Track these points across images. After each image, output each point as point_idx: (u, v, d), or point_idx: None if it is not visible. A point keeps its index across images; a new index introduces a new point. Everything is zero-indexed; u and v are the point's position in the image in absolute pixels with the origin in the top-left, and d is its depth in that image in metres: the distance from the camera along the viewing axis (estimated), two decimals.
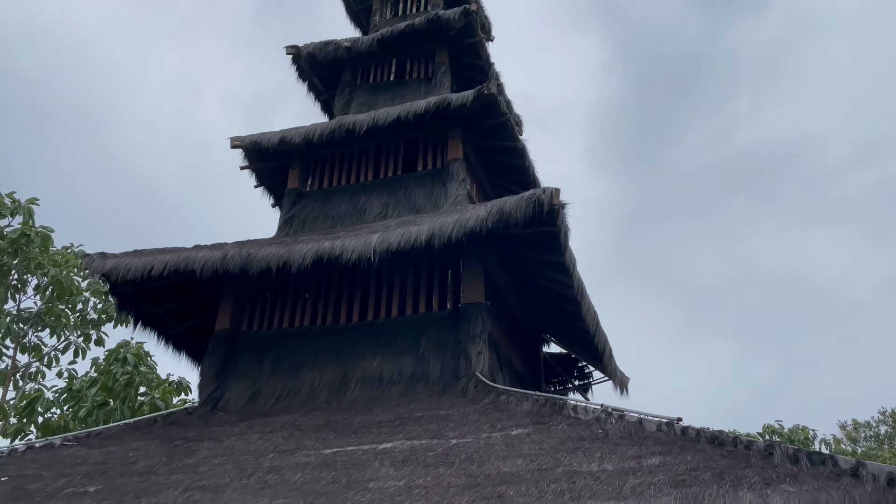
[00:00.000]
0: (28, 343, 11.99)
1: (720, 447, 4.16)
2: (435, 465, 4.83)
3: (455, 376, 7.29)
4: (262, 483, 5.05)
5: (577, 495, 3.83)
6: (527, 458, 4.64)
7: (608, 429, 4.94)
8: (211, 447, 6.25)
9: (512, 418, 5.78)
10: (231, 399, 7.96)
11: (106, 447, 6.67)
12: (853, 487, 3.23)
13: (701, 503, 3.38)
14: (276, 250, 7.70)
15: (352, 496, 4.48)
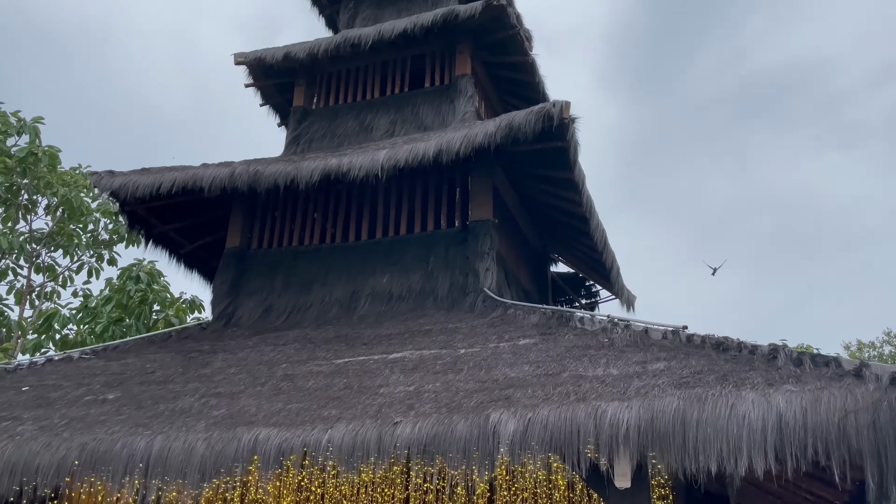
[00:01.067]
0: (42, 263, 12.16)
1: (724, 352, 4.23)
2: (444, 372, 4.94)
3: (463, 292, 7.37)
4: (276, 389, 5.20)
5: (583, 397, 3.92)
6: (533, 364, 4.75)
7: (614, 338, 5.02)
8: (225, 358, 6.40)
9: (519, 330, 5.87)
10: (243, 315, 8.10)
11: (123, 359, 6.85)
12: (856, 387, 3.29)
13: (704, 403, 3.46)
14: (284, 167, 7.67)
15: (363, 400, 4.61)
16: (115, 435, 4.55)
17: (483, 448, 3.77)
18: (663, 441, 3.43)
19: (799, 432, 3.18)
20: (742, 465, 3.23)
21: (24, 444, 4.67)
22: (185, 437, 4.34)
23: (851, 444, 3.11)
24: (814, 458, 3.17)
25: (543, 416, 3.74)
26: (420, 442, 3.90)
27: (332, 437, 4.07)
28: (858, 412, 3.13)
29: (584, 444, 3.59)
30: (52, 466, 4.48)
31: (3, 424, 5.09)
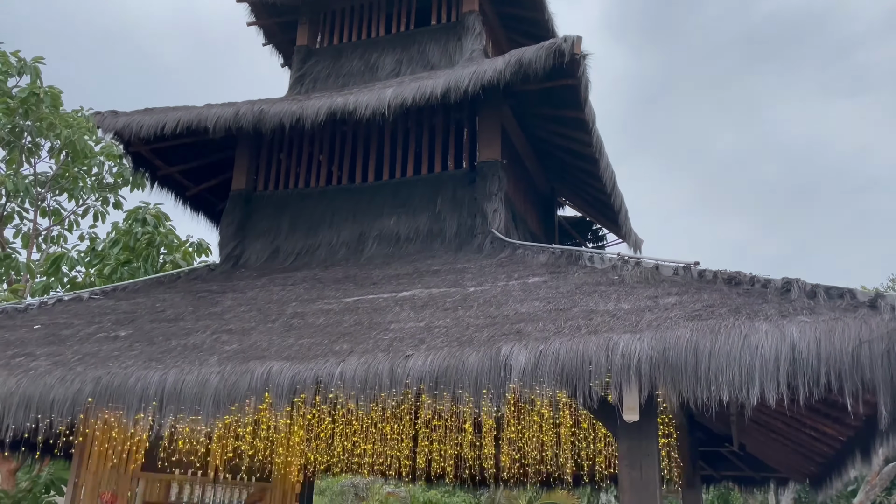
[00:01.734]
0: (48, 207, 12.13)
1: (737, 286, 4.22)
2: (454, 309, 4.95)
3: (471, 234, 7.35)
4: (287, 326, 5.22)
5: (594, 330, 3.93)
6: (544, 300, 4.75)
7: (624, 275, 5.01)
8: (235, 298, 6.43)
9: (528, 269, 5.86)
10: (251, 257, 8.10)
11: (133, 299, 6.89)
12: (870, 317, 3.28)
13: (717, 334, 3.45)
14: (289, 106, 7.55)
15: (374, 335, 4.63)
16: (129, 369, 4.59)
17: (495, 380, 3.79)
18: (675, 372, 3.43)
19: (812, 362, 3.19)
20: (754, 395, 3.25)
21: (38, 379, 4.72)
22: (198, 371, 4.38)
23: (865, 374, 3.12)
24: (826, 387, 3.18)
25: (555, 349, 3.75)
26: (432, 375, 3.92)
27: (344, 370, 4.10)
28: (873, 342, 3.12)
29: (595, 375, 3.60)
30: (67, 400, 4.53)
31: (16, 360, 5.15)
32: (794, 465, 9.27)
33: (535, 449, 8.90)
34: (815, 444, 7.00)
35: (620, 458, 4.63)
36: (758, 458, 10.26)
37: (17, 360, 5.14)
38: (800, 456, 8.24)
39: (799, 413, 6.17)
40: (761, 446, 9.18)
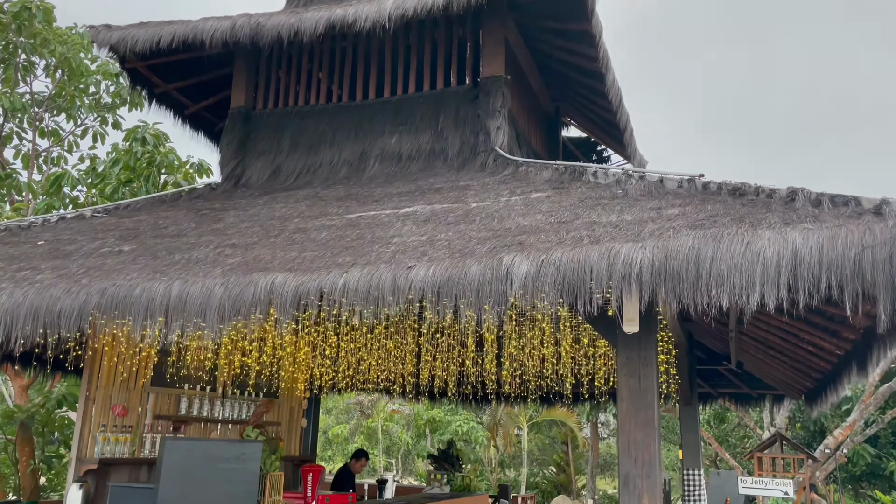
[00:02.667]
0: (46, 128, 11.99)
1: (741, 197, 4.19)
2: (456, 223, 4.94)
3: (474, 152, 7.27)
4: (290, 241, 5.23)
5: (596, 240, 3.93)
6: (546, 213, 4.73)
7: (628, 188, 4.97)
8: (237, 215, 6.42)
9: (532, 185, 5.82)
10: (252, 176, 8.05)
11: (135, 217, 6.89)
12: (874, 223, 3.26)
13: (720, 241, 3.45)
14: (287, 19, 7.34)
15: (376, 249, 4.64)
16: (134, 281, 4.63)
17: (496, 290, 3.81)
18: (676, 279, 3.45)
19: (814, 267, 3.19)
20: (754, 301, 3.26)
21: (44, 291, 4.77)
22: (202, 283, 4.41)
23: (866, 279, 3.12)
24: (827, 292, 3.19)
25: (556, 259, 3.75)
26: (434, 285, 3.94)
27: (347, 281, 4.13)
28: (876, 247, 3.11)
29: (596, 284, 3.61)
30: (74, 311, 4.59)
31: (22, 273, 5.19)
32: (790, 382, 9.46)
33: (535, 365, 9.08)
34: (812, 359, 7.12)
35: (619, 368, 4.71)
36: (754, 375, 10.46)
37: (22, 274, 5.18)
38: (796, 373, 8.40)
39: (797, 328, 6.24)
40: (758, 363, 9.34)
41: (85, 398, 7.23)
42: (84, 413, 7.20)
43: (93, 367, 7.28)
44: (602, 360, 9.38)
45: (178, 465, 5.45)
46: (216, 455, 5.59)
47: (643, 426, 4.53)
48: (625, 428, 4.59)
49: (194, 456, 5.51)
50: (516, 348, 8.14)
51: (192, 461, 5.50)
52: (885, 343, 4.86)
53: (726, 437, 21.75)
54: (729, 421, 22.84)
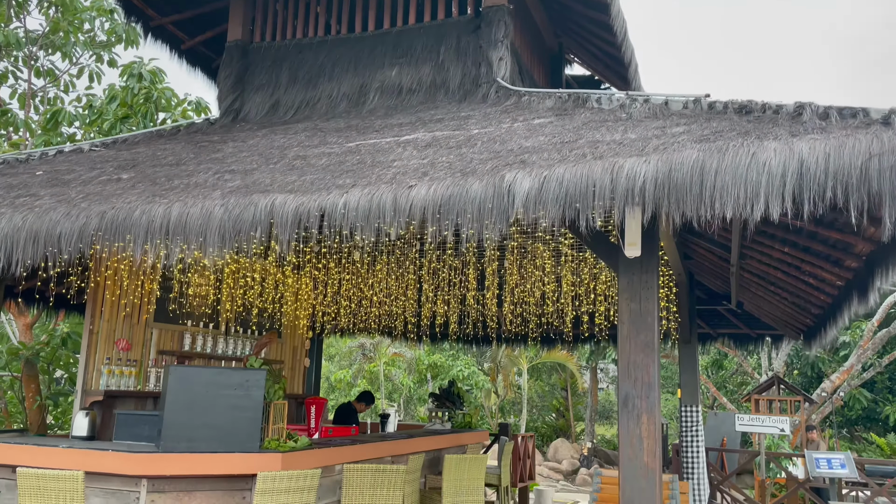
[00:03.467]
0: (41, 67, 11.81)
1: (748, 114, 4.12)
2: (457, 147, 4.89)
3: (476, 83, 7.15)
4: (290, 166, 5.19)
5: (599, 156, 3.87)
6: (549, 136, 4.67)
7: (632, 112, 4.90)
8: (236, 145, 6.36)
9: (534, 112, 5.74)
10: (251, 110, 7.95)
11: (133, 149, 6.83)
12: (882, 132, 3.21)
13: (724, 153, 3.40)
14: None
15: (377, 171, 4.60)
16: (133, 203, 4.60)
17: (498, 207, 3.78)
18: (680, 191, 3.41)
19: (819, 176, 3.15)
20: (758, 211, 3.23)
21: (44, 215, 4.75)
22: (202, 204, 4.38)
23: (872, 186, 3.08)
24: (832, 201, 3.16)
25: (559, 174, 3.71)
26: (435, 203, 3.91)
27: (347, 200, 4.09)
28: (883, 154, 3.07)
29: (599, 198, 3.58)
30: (74, 234, 4.58)
31: (21, 200, 5.16)
32: (790, 321, 9.51)
33: (536, 300, 9.12)
34: (812, 294, 7.13)
35: (620, 292, 4.72)
36: (754, 315, 10.53)
37: (21, 200, 5.15)
38: (796, 310, 8.43)
39: (799, 259, 6.24)
40: (758, 302, 9.38)
41: (89, 332, 7.28)
42: (88, 346, 7.26)
43: (95, 300, 7.31)
44: (602, 298, 9.42)
45: (183, 391, 5.52)
46: (220, 382, 5.64)
47: (643, 348, 4.56)
48: (625, 350, 4.62)
49: (199, 382, 5.56)
50: (517, 282, 8.15)
51: (197, 387, 5.56)
52: (886, 268, 4.85)
53: (724, 383, 22.02)
54: (727, 368, 23.09)
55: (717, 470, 10.79)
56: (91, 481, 5.21)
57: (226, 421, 5.61)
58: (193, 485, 5.37)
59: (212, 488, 5.45)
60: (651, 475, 4.40)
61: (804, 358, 19.64)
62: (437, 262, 7.90)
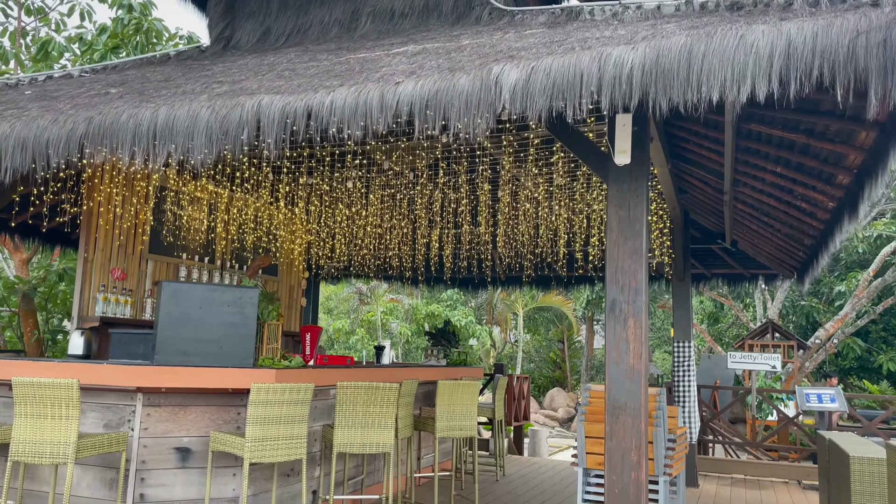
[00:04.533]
0: (31, 5, 11.64)
1: (739, 10, 4.08)
2: (447, 53, 4.84)
3: (469, 6, 7.05)
4: (279, 76, 5.15)
5: (588, 47, 3.84)
6: (539, 38, 4.62)
7: (624, 17, 4.85)
8: (226, 65, 6.30)
9: (527, 27, 5.67)
10: (241, 38, 7.86)
11: (123, 73, 6.77)
12: (870, 11, 3.18)
13: (712, 37, 3.37)
14: None
15: (365, 75, 4.57)
16: (120, 108, 4.57)
17: (485, 99, 3.76)
18: (668, 76, 3.38)
19: (807, 56, 3.12)
20: (745, 92, 3.21)
21: (31, 122, 4.73)
22: (188, 106, 4.36)
23: (859, 64, 3.06)
24: (819, 81, 3.14)
25: (547, 65, 3.68)
26: (422, 98, 3.89)
27: (334, 98, 4.07)
28: (870, 32, 3.04)
29: (587, 87, 3.55)
30: (61, 140, 4.56)
31: (8, 112, 5.13)
32: (783, 258, 9.55)
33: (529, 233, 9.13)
34: (805, 221, 7.15)
35: (609, 200, 4.73)
36: (748, 254, 10.56)
37: (9, 112, 5.12)
38: (790, 242, 8.46)
39: (791, 180, 6.24)
40: (752, 238, 9.41)
41: (83, 259, 7.31)
42: (83, 273, 7.30)
43: (89, 227, 7.33)
44: (596, 233, 9.44)
45: (176, 306, 5.56)
46: (214, 299, 5.69)
47: (631, 254, 4.59)
48: (613, 256, 4.65)
49: (192, 298, 5.61)
50: (510, 213, 8.16)
51: (190, 303, 5.61)
52: (875, 179, 4.86)
53: (721, 336, 22.19)
54: (723, 321, 23.26)
55: (710, 407, 10.94)
56: (87, 396, 5.29)
57: (219, 337, 5.67)
58: (189, 399, 5.45)
59: (206, 403, 5.53)
60: (637, 376, 4.47)
61: (799, 308, 19.77)
62: (430, 190, 7.90)
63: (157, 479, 5.25)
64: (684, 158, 7.06)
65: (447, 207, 8.45)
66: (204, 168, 7.54)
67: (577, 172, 7.52)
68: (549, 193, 7.76)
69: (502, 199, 7.91)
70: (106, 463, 5.22)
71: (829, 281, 19.86)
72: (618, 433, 4.44)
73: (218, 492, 5.40)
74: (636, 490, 4.35)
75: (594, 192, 8.07)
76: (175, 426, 5.38)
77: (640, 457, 4.39)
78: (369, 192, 7.98)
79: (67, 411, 4.70)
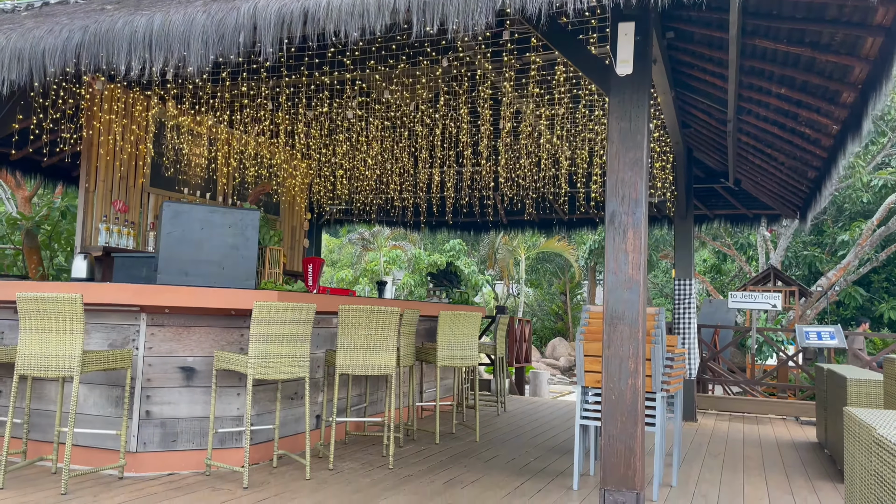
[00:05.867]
0: None
1: None
2: None
3: None
4: None
5: None
6: None
7: None
8: None
9: None
10: None
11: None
12: None
13: None
14: None
15: None
16: (116, 17, 4.53)
17: None
18: None
19: None
20: None
21: (27, 34, 4.69)
22: (184, 11, 4.31)
23: None
24: None
25: None
26: None
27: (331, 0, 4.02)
28: None
29: None
30: (57, 49, 4.53)
31: (4, 26, 5.09)
32: (786, 196, 9.52)
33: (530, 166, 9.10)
34: (808, 150, 7.10)
35: (610, 112, 4.70)
36: (751, 194, 10.53)
37: (4, 27, 5.08)
38: (792, 178, 8.42)
39: (796, 103, 6.18)
40: (755, 175, 9.36)
41: (84, 189, 7.33)
42: (85, 203, 7.32)
43: (90, 157, 7.32)
44: (598, 168, 9.40)
45: (178, 227, 5.58)
46: (215, 220, 5.71)
47: (631, 166, 4.57)
48: (613, 168, 4.63)
49: (193, 219, 5.63)
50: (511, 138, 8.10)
51: (192, 224, 5.63)
52: (878, 91, 4.81)
53: (724, 287, 22.24)
54: (725, 273, 23.28)
55: (710, 346, 11.02)
56: (92, 318, 5.35)
57: (220, 258, 5.71)
58: (192, 321, 5.51)
59: (210, 325, 5.59)
60: (635, 286, 4.49)
61: (802, 258, 19.77)
62: (430, 121, 7.84)
63: (163, 397, 5.34)
64: (688, 87, 6.99)
65: (448, 140, 8.40)
66: (202, 95, 7.49)
67: (578, 102, 7.46)
68: (551, 123, 7.71)
69: (504, 129, 7.86)
70: (112, 381, 5.31)
71: (832, 231, 19.82)
72: (615, 342, 4.49)
73: (223, 410, 5.49)
74: (632, 396, 4.41)
75: (595, 126, 8.01)
76: (179, 346, 5.45)
77: (637, 365, 4.44)
78: (369, 125, 7.94)
79: (72, 325, 4.75)
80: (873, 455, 2.60)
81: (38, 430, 5.43)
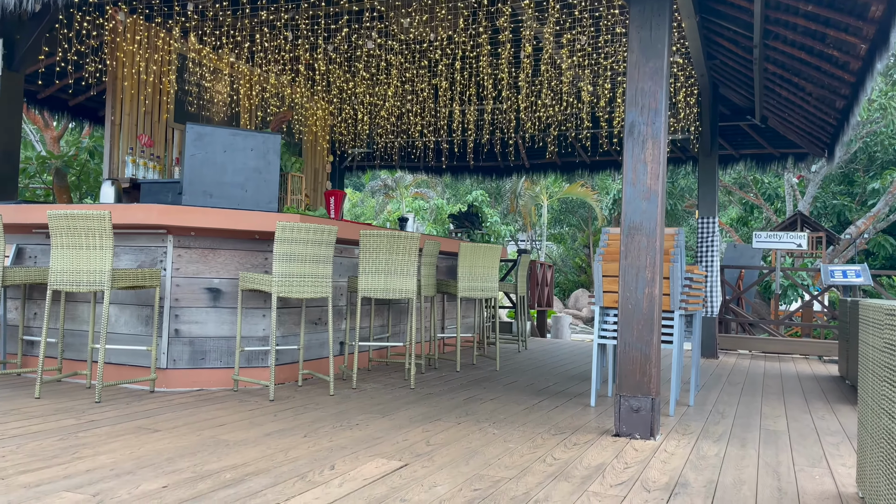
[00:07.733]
0: None
1: None
2: None
3: None
4: None
5: None
6: None
7: None
8: None
9: None
10: None
11: None
12: None
13: None
14: None
15: None
16: None
17: None
18: None
19: None
20: None
21: None
22: None
23: None
24: None
25: None
26: None
27: None
28: None
29: None
30: None
31: None
32: (813, 132, 9.34)
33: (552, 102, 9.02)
34: (836, 75, 6.95)
35: (631, 21, 4.63)
36: (778, 132, 10.34)
37: None
38: (819, 109, 8.25)
39: (823, 22, 6.03)
40: (782, 110, 9.19)
41: (110, 122, 7.43)
42: (111, 136, 7.43)
43: (114, 91, 7.41)
44: (619, 103, 9.29)
45: (201, 149, 5.66)
46: (237, 144, 5.78)
47: (651, 75, 4.52)
48: (633, 77, 4.59)
49: (216, 141, 5.70)
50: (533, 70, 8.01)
51: (214, 147, 5.70)
52: None
53: (750, 238, 21.99)
54: (752, 225, 23.01)
55: (735, 288, 10.97)
56: (120, 240, 5.48)
57: (243, 181, 5.79)
58: (217, 243, 5.62)
59: (234, 248, 5.71)
60: (654, 196, 4.49)
61: (831, 207, 19.45)
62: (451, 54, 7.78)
63: (191, 317, 5.48)
64: (713, 11, 6.84)
65: (469, 72, 8.34)
66: (223, 27, 7.50)
67: (599, 33, 7.34)
68: (572, 52, 7.61)
69: (524, 60, 7.79)
70: (141, 300, 5.46)
71: (862, 181, 19.43)
72: (632, 252, 4.50)
73: (248, 331, 5.63)
74: (649, 305, 4.44)
75: (617, 56, 7.89)
76: (205, 267, 5.58)
77: (654, 274, 4.46)
78: (389, 57, 7.90)
79: (101, 241, 4.87)
80: (885, 327, 2.62)
81: (72, 350, 5.62)
